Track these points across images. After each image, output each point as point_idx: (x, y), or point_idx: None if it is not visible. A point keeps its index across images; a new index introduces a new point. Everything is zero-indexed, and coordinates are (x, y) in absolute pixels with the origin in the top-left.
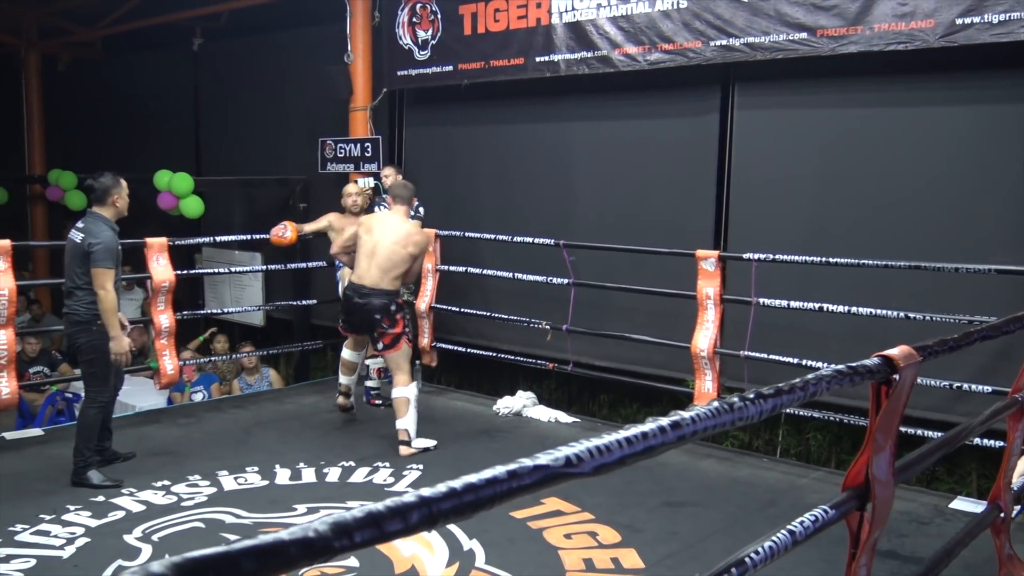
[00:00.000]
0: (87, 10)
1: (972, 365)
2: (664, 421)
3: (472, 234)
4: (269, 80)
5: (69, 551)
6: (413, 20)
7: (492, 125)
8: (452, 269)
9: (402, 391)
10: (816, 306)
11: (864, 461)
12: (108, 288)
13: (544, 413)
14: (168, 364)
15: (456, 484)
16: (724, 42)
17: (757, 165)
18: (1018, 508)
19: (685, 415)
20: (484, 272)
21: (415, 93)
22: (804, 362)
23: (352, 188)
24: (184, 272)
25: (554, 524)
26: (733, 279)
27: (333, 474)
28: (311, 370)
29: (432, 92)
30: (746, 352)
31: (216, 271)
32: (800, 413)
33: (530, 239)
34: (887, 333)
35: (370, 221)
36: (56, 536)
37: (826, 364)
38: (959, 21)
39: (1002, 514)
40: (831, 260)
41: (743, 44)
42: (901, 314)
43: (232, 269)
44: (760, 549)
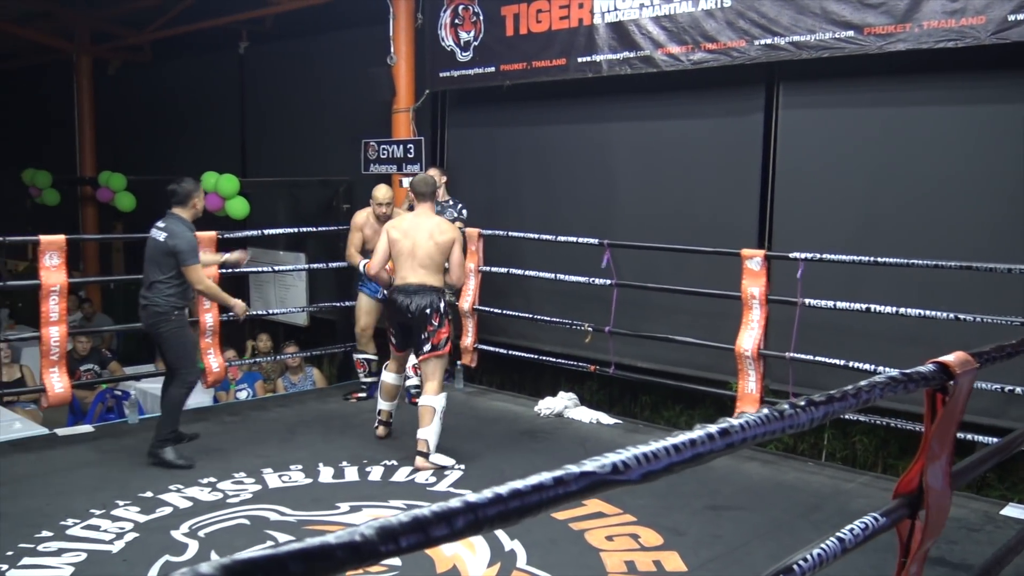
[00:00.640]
0: (137, 15)
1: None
2: (713, 428)
3: (515, 234)
4: (313, 82)
5: (118, 545)
6: (455, 22)
7: (534, 126)
8: (494, 270)
9: (432, 400)
10: (863, 307)
11: (918, 469)
12: (203, 279)
13: (586, 414)
14: (214, 363)
15: (502, 490)
16: (769, 41)
17: (802, 164)
18: None
19: (734, 422)
20: (526, 273)
21: (457, 94)
22: (851, 364)
23: (382, 195)
24: (228, 271)
25: (596, 526)
26: (777, 279)
27: (376, 473)
28: (353, 370)
29: (474, 93)
30: (791, 354)
31: (260, 270)
32: (846, 416)
33: (573, 239)
34: (937, 335)
35: (400, 224)
36: (106, 531)
37: (873, 366)
38: (1011, 17)
39: None
40: (879, 260)
41: (788, 43)
42: (951, 315)
43: (276, 269)
44: (808, 556)
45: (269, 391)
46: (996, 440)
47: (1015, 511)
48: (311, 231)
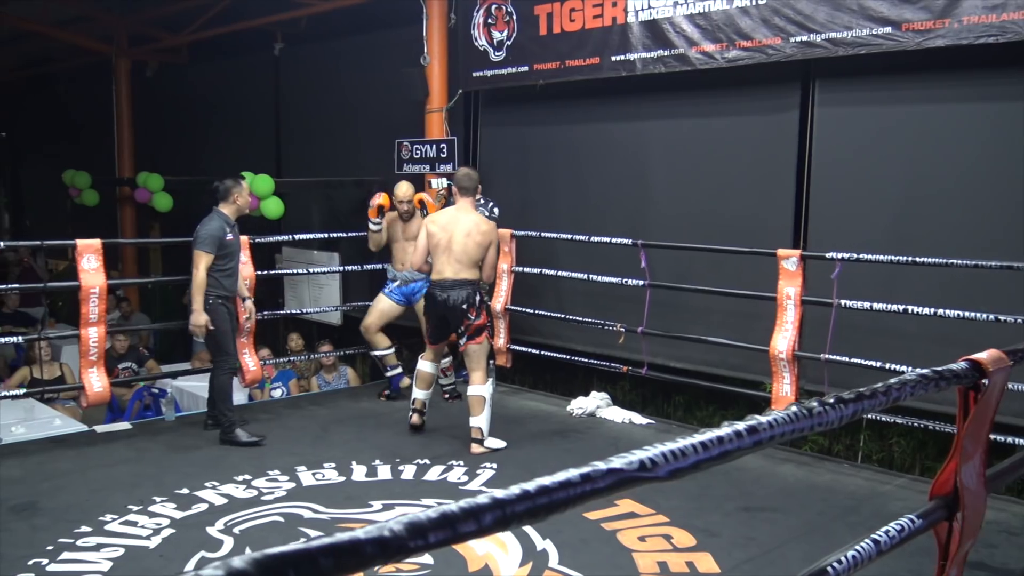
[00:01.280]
0: (175, 17)
1: None
2: (740, 425)
3: (547, 234)
4: (347, 83)
5: (155, 541)
6: (488, 21)
7: (567, 125)
8: (527, 270)
9: (479, 389)
10: (900, 308)
11: (952, 469)
12: (200, 269)
13: (618, 414)
14: (250, 362)
15: (530, 486)
16: (805, 38)
17: (839, 163)
18: None
19: (762, 419)
20: (559, 273)
21: (490, 94)
22: (888, 366)
23: (403, 193)
24: (264, 272)
25: (628, 526)
26: (812, 280)
27: (408, 471)
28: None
29: (507, 93)
30: (827, 355)
31: (295, 271)
32: (883, 418)
33: (607, 239)
34: (977, 336)
35: (438, 219)
36: (143, 527)
37: (911, 368)
38: None
39: None
40: (917, 260)
41: (824, 40)
42: (991, 316)
43: (310, 269)
44: (843, 558)
45: (303, 389)
46: None
47: None
48: (343, 234)
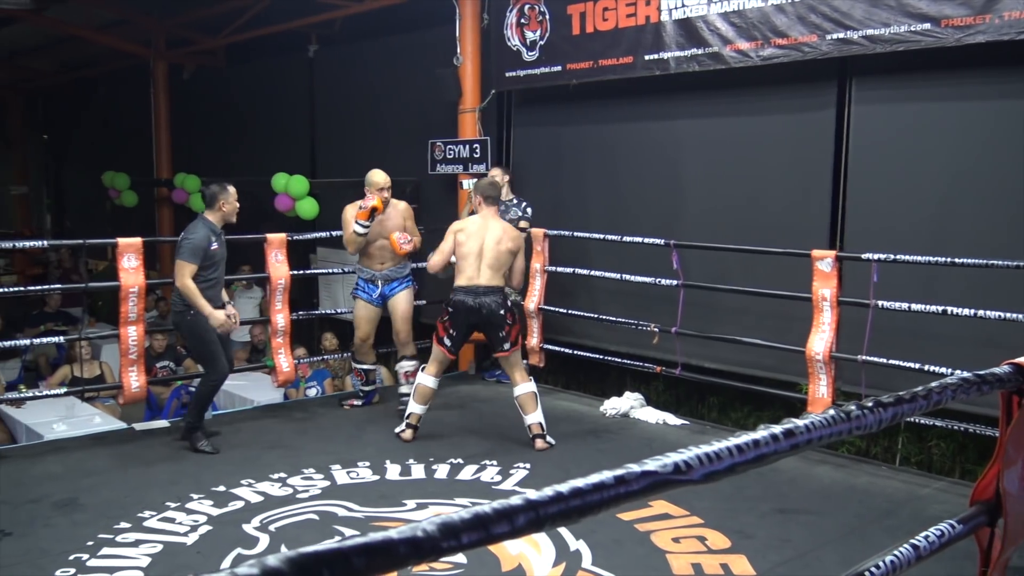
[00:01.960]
0: (211, 20)
1: None
2: (777, 429)
3: (580, 234)
4: (380, 84)
5: (192, 538)
6: (521, 21)
7: (600, 124)
8: (560, 270)
9: (528, 387)
10: (940, 309)
11: (994, 474)
12: (183, 277)
13: (652, 415)
14: (284, 363)
15: (563, 488)
16: (841, 35)
17: (876, 161)
18: None
19: (799, 423)
20: (591, 273)
21: (523, 94)
22: (927, 368)
23: (383, 180)
24: (300, 272)
25: (662, 527)
26: (850, 280)
27: (442, 471)
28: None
29: (540, 92)
30: (864, 356)
31: (330, 271)
32: (922, 421)
33: (639, 239)
34: (1019, 339)
35: (466, 226)
36: (181, 523)
37: (950, 370)
38: None
39: None
40: (956, 260)
41: (861, 37)
42: None
43: (345, 269)
44: (881, 563)
45: (338, 389)
46: None
47: None
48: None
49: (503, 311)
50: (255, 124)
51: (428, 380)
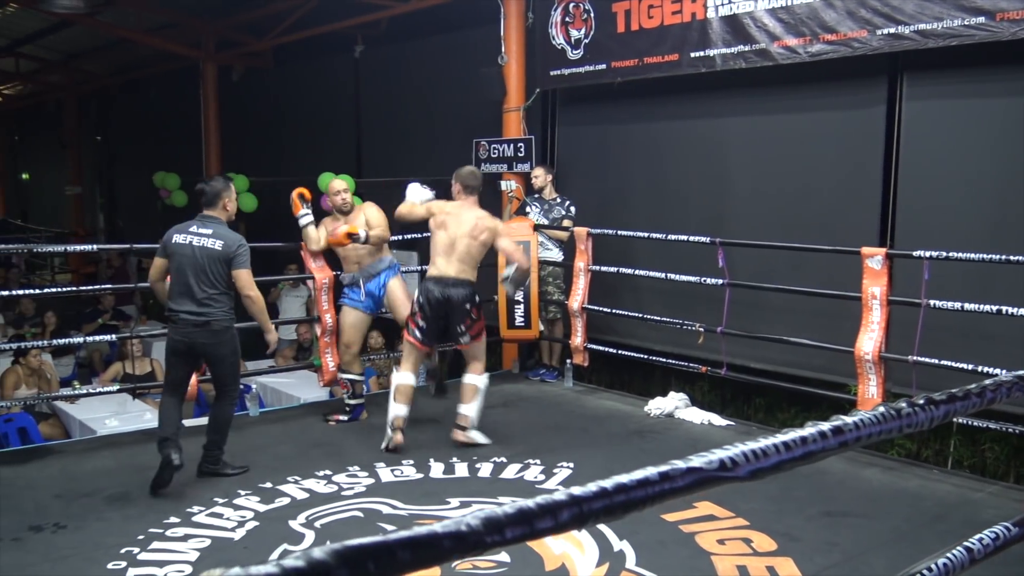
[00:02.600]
0: (259, 22)
1: None
2: (825, 426)
3: (625, 233)
4: (425, 83)
5: (240, 533)
6: (566, 20)
7: (645, 123)
8: (604, 269)
9: (475, 378)
10: (994, 308)
11: None
12: (256, 288)
13: (697, 415)
14: (330, 362)
15: (607, 484)
16: (892, 30)
17: (928, 158)
18: None
19: (848, 420)
20: (636, 272)
21: (568, 92)
22: (980, 368)
23: (338, 184)
24: (341, 273)
25: (707, 529)
26: (900, 278)
27: (485, 469)
28: (462, 368)
29: (585, 91)
30: (915, 357)
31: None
32: (974, 423)
33: (684, 237)
34: None
35: (442, 216)
36: (228, 519)
37: (1004, 371)
38: None
39: None
40: (1011, 258)
41: (913, 32)
42: None
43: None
44: (933, 566)
45: (383, 387)
46: None
47: None
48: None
49: (468, 305)
50: (301, 124)
51: (407, 377)
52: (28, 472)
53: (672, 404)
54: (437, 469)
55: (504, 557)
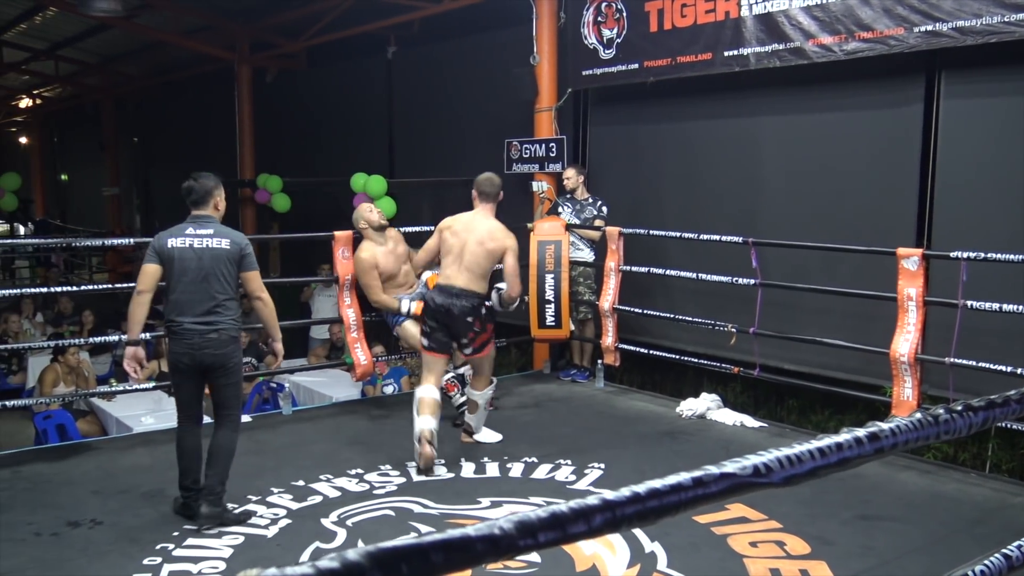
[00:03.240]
0: (293, 24)
1: None
2: (861, 432)
3: (656, 232)
4: (457, 84)
5: (273, 531)
6: (598, 19)
7: (678, 122)
8: (635, 269)
9: (475, 394)
10: None
11: None
12: (264, 288)
13: (729, 416)
14: (361, 356)
15: (640, 489)
16: (930, 27)
17: (966, 157)
18: None
19: (884, 426)
20: (667, 272)
21: (599, 92)
22: (1019, 371)
23: (365, 209)
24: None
25: (739, 531)
26: (937, 279)
27: (516, 469)
28: (495, 367)
29: (617, 91)
30: (952, 359)
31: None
32: (1014, 426)
33: (717, 237)
34: None
35: (455, 224)
36: (261, 516)
37: None
38: None
39: None
40: None
41: (951, 29)
42: None
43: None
44: (971, 572)
45: (414, 386)
46: None
47: None
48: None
49: (471, 318)
50: (334, 125)
51: (429, 390)
52: (66, 468)
53: (704, 405)
54: (468, 469)
55: (535, 557)
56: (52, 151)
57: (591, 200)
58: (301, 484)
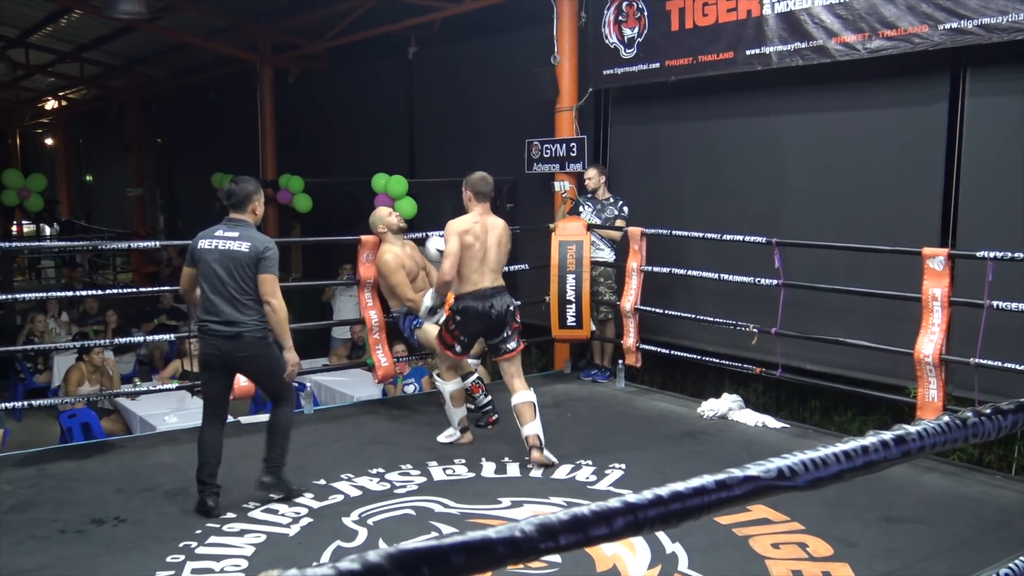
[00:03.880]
0: (315, 25)
1: None
2: (887, 435)
3: (678, 233)
4: (478, 84)
5: (294, 529)
6: (619, 19)
7: (699, 121)
8: (656, 270)
9: (529, 395)
10: None
11: None
12: (280, 297)
13: (751, 417)
14: (382, 358)
15: (663, 492)
16: (955, 25)
17: (992, 156)
18: None
19: (911, 429)
20: (689, 273)
21: (620, 92)
22: None
23: (384, 212)
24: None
25: (761, 532)
26: (963, 279)
27: (537, 469)
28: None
29: (638, 90)
30: (977, 359)
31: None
32: None
33: (739, 237)
34: None
35: (471, 228)
36: (283, 515)
37: None
38: None
39: None
40: None
41: (976, 26)
42: None
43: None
44: (996, 575)
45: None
46: None
47: None
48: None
49: (512, 308)
50: (355, 125)
51: (456, 384)
52: (91, 466)
53: (725, 406)
54: (488, 468)
55: (555, 558)
56: (77, 152)
57: (612, 200)
58: (322, 483)
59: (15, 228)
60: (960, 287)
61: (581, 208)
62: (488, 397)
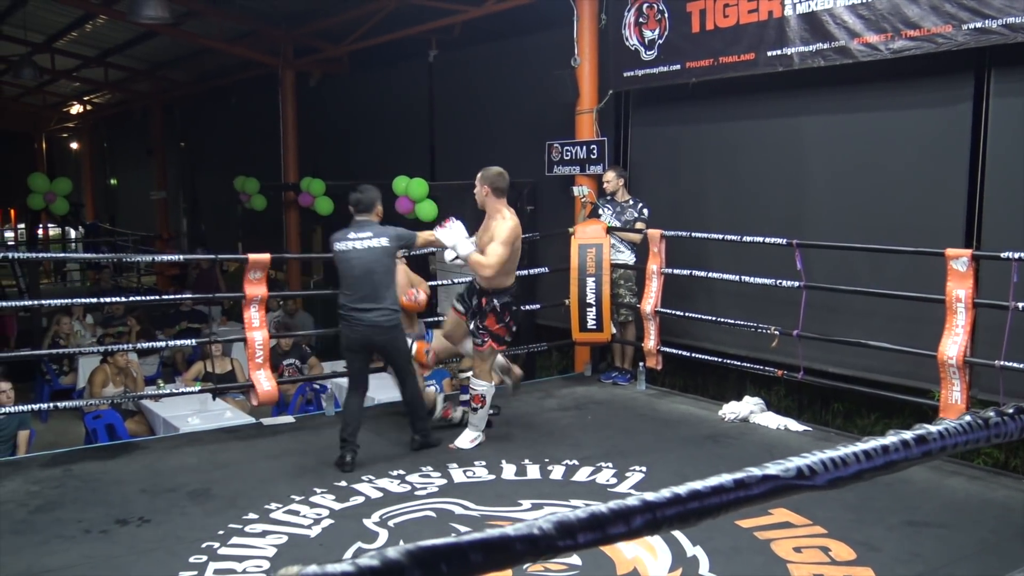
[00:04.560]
0: (336, 29)
1: None
2: (908, 435)
3: (698, 235)
4: (499, 86)
5: (315, 530)
6: (640, 20)
7: (720, 123)
8: (677, 272)
9: (477, 385)
10: None
11: None
12: (425, 237)
13: (772, 420)
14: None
15: (681, 490)
16: (979, 24)
17: (1017, 156)
18: None
19: (932, 429)
20: (710, 275)
21: (641, 93)
22: None
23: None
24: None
25: (782, 536)
26: (987, 280)
27: (557, 472)
28: (536, 370)
29: (658, 92)
30: (1002, 362)
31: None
32: None
33: (760, 239)
34: None
35: (518, 228)
36: (304, 516)
37: None
38: None
39: None
40: None
41: (1001, 26)
42: None
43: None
44: None
45: (455, 388)
46: None
47: None
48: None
49: (487, 309)
50: (376, 128)
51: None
52: (115, 467)
53: (747, 408)
54: (509, 471)
55: (575, 560)
56: (102, 156)
57: (632, 202)
58: (343, 485)
59: (41, 231)
60: (984, 288)
61: (600, 210)
62: (460, 412)
